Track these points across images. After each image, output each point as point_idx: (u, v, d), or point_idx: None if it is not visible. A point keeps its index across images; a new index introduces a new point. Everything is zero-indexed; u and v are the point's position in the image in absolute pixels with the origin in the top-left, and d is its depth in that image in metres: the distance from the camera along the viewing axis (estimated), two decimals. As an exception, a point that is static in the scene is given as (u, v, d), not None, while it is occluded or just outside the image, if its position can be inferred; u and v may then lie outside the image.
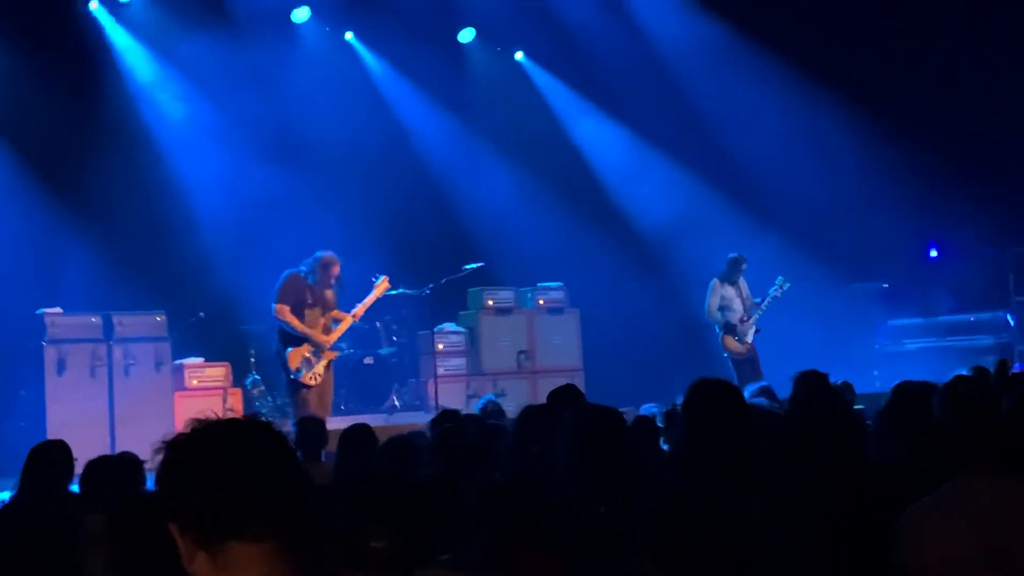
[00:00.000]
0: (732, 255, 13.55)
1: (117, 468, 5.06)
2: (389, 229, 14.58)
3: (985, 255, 15.64)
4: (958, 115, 15.37)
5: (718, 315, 13.40)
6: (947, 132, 15.48)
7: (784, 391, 7.64)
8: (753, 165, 16.11)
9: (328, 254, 11.13)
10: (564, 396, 6.25)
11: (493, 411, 8.28)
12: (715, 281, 13.50)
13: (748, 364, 13.33)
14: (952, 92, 15.28)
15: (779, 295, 13.50)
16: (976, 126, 15.31)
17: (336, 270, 11.15)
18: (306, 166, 14.71)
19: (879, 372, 15.12)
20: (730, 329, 13.32)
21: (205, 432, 2.28)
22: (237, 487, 2.22)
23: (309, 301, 11.10)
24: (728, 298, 13.42)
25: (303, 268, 11.11)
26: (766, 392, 7.81)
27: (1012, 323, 15.12)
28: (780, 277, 13.61)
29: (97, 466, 5.39)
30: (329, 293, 11.26)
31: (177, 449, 2.28)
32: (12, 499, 5.82)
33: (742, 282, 13.57)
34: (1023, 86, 14.94)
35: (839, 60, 15.54)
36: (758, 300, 13.51)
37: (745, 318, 13.36)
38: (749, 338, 13.37)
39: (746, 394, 7.87)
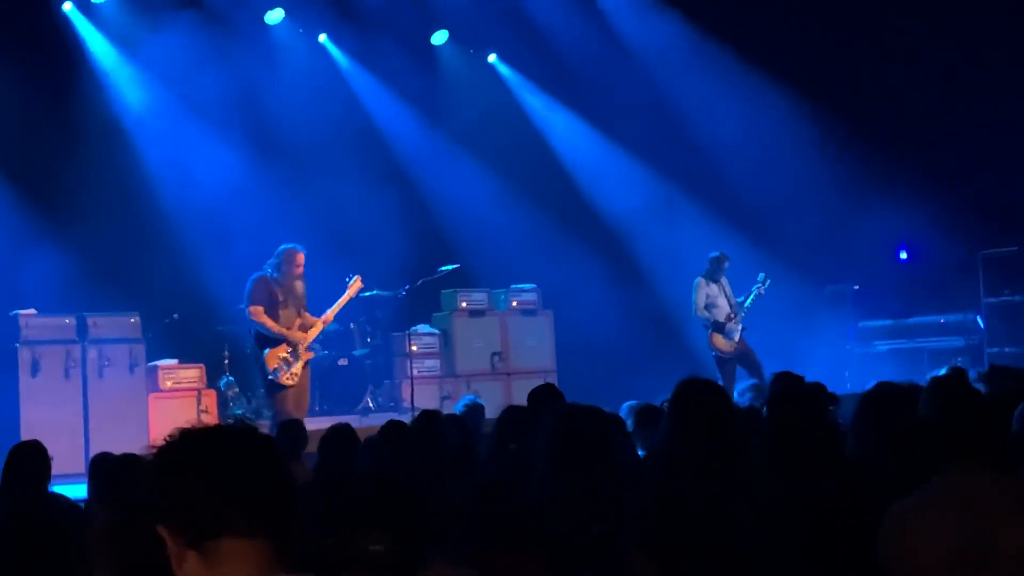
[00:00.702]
0: (714, 253, 13.62)
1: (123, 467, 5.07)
2: (363, 230, 14.59)
3: (955, 257, 15.76)
4: (928, 116, 15.49)
5: (705, 313, 13.45)
6: (916, 133, 15.60)
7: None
8: (724, 166, 16.20)
9: (290, 247, 11.17)
10: (544, 396, 6.29)
11: (473, 411, 8.33)
12: (699, 279, 13.55)
13: (736, 362, 13.39)
14: (922, 94, 15.40)
15: (763, 292, 13.58)
16: (946, 127, 15.42)
17: (300, 259, 11.17)
18: (280, 167, 14.71)
19: (849, 373, 15.23)
20: (718, 327, 13.37)
21: (194, 435, 2.34)
22: (228, 485, 2.27)
23: (280, 299, 11.13)
24: (712, 296, 13.48)
25: (267, 269, 11.15)
26: (757, 390, 7.88)
27: (982, 325, 15.25)
28: (761, 274, 13.71)
29: (102, 463, 5.40)
30: (299, 286, 11.25)
31: (167, 452, 2.33)
32: (-7, 500, 5.81)
33: (724, 281, 13.63)
34: (993, 88, 15.04)
35: (810, 62, 15.62)
36: (740, 299, 13.58)
37: (732, 315, 13.43)
38: (737, 336, 13.43)
39: (736, 391, 7.96)
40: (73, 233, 13.24)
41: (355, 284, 11.69)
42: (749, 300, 13.56)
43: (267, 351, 11.06)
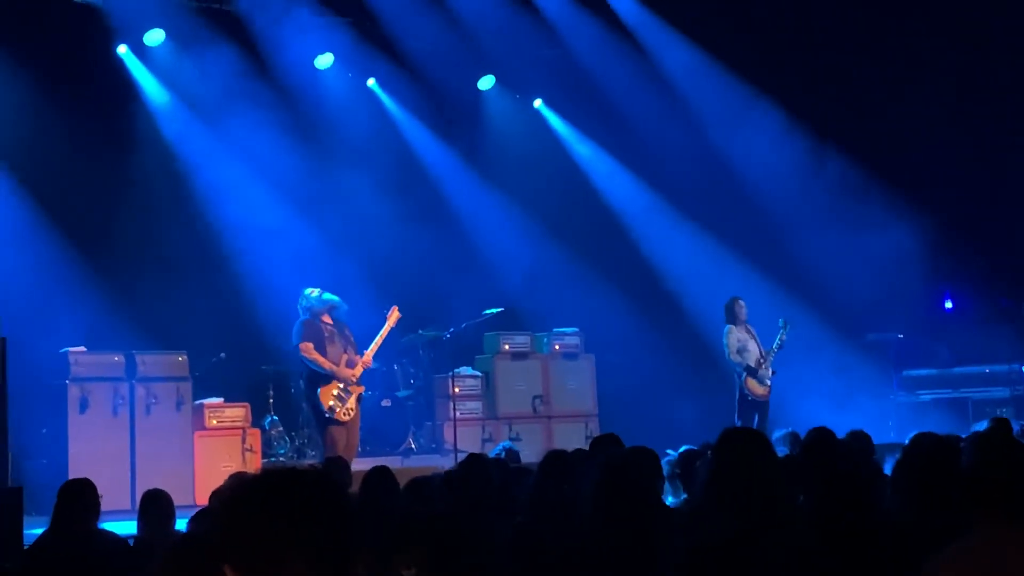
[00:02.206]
0: (731, 297, 13.70)
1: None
2: (408, 273, 14.71)
3: (1000, 306, 15.68)
4: (973, 166, 15.46)
5: (738, 358, 13.46)
6: (961, 183, 15.57)
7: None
8: (768, 215, 16.23)
9: (306, 289, 11.44)
10: (607, 445, 6.39)
11: (509, 457, 8.39)
12: (728, 326, 13.61)
13: (764, 407, 13.40)
14: (967, 145, 15.38)
15: (784, 337, 13.58)
16: (992, 177, 15.39)
17: (309, 290, 11.44)
18: (326, 208, 14.86)
19: (893, 422, 15.15)
20: (751, 372, 13.39)
21: (262, 477, 2.43)
22: (292, 527, 2.35)
23: (326, 335, 11.33)
24: (742, 341, 13.51)
25: (305, 314, 11.39)
26: (794, 438, 7.90)
27: (1027, 375, 15.14)
28: (781, 319, 13.72)
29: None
30: (328, 299, 11.47)
31: (235, 493, 2.41)
32: (43, 535, 5.91)
33: (750, 327, 13.66)
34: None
35: (852, 113, 15.67)
36: (768, 348, 13.59)
37: (763, 360, 13.44)
38: (768, 380, 13.44)
39: (774, 436, 8.00)
40: (123, 272, 13.43)
41: (393, 314, 11.85)
42: (776, 346, 13.55)
43: (320, 389, 11.20)
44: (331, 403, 11.15)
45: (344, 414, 11.19)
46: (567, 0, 16.17)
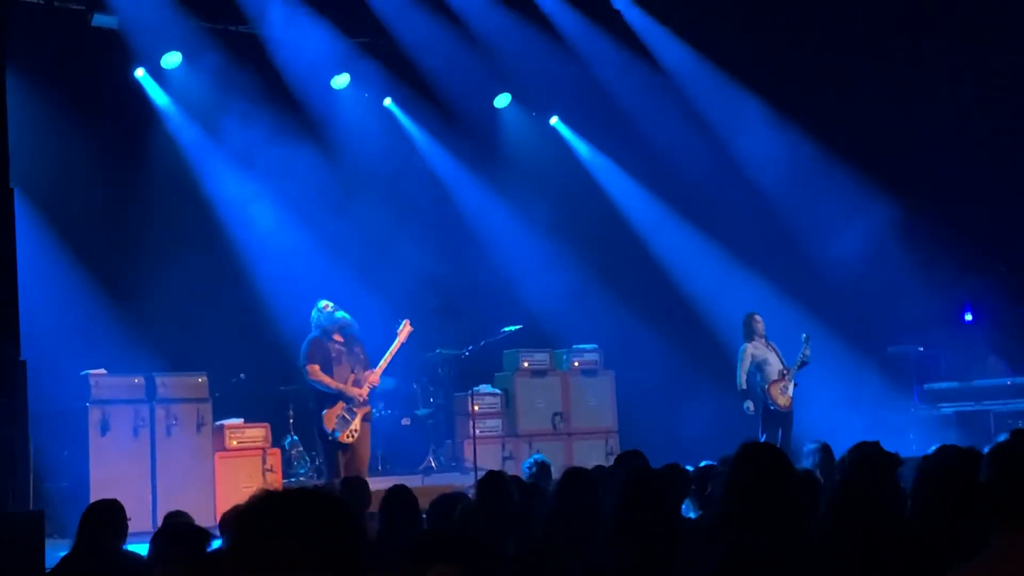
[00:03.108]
0: (747, 313, 13.68)
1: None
2: (427, 291, 14.73)
3: (1020, 317, 15.64)
4: (991, 177, 15.43)
5: (755, 378, 13.41)
6: (980, 195, 15.54)
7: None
8: (786, 229, 16.23)
9: (319, 301, 11.47)
10: (631, 461, 6.39)
11: (541, 470, 8.40)
12: (745, 346, 13.56)
13: (787, 420, 13.35)
14: (984, 157, 15.35)
15: (808, 351, 13.55)
16: (1010, 188, 15.36)
17: (326, 303, 11.50)
18: (344, 227, 14.90)
19: (915, 435, 15.09)
20: (773, 384, 13.36)
21: (272, 497, 2.49)
22: (305, 545, 2.40)
23: (333, 356, 11.37)
24: (760, 356, 13.46)
25: (315, 331, 11.42)
26: (824, 451, 7.87)
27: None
28: (804, 334, 13.69)
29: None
30: (342, 318, 11.49)
31: (249, 513, 2.47)
32: (68, 556, 5.92)
33: (771, 342, 13.61)
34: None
35: (870, 120, 15.68)
36: (790, 363, 13.56)
37: (785, 372, 13.41)
38: (791, 392, 13.41)
39: (805, 450, 7.97)
40: (142, 294, 13.49)
41: (405, 328, 11.86)
42: (798, 362, 13.51)
43: (324, 411, 11.24)
44: (334, 425, 11.18)
45: (348, 436, 11.20)
46: (582, 17, 16.21)
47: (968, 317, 16.46)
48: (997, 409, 15.13)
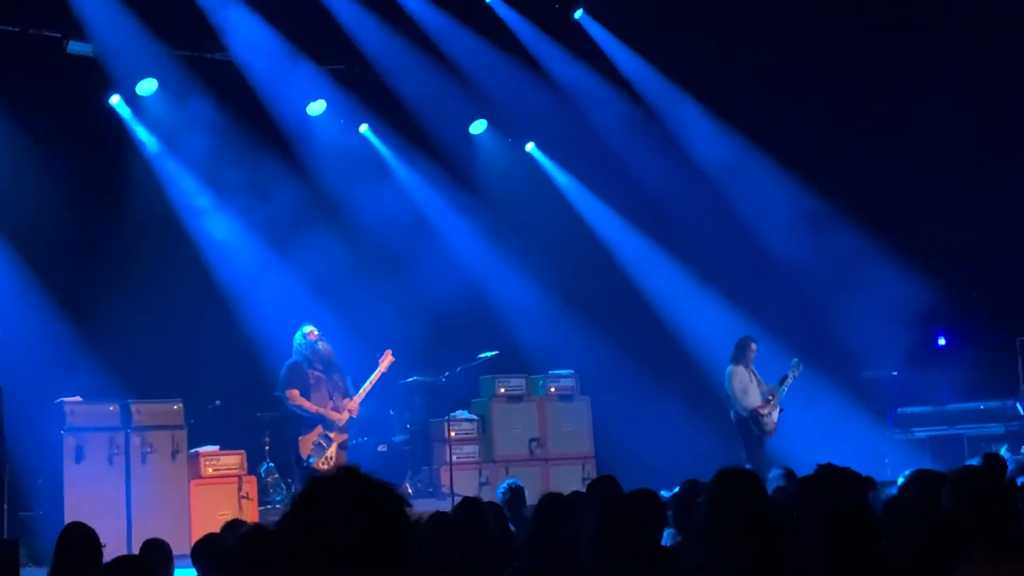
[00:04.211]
0: (740, 337, 13.74)
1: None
2: (403, 317, 14.74)
3: (993, 342, 15.75)
4: (964, 204, 15.55)
5: (745, 401, 13.48)
6: (952, 220, 15.66)
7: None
8: (760, 253, 16.31)
9: (303, 328, 11.49)
10: (605, 487, 6.39)
11: (514, 495, 8.40)
12: (732, 367, 13.63)
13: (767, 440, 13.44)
14: (956, 184, 15.47)
15: (796, 375, 13.63)
16: (982, 214, 15.48)
17: (311, 330, 11.51)
18: (320, 254, 14.89)
19: (889, 460, 15.16)
20: (758, 410, 13.42)
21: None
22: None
23: (312, 382, 11.39)
24: (744, 382, 13.54)
25: (296, 356, 11.44)
26: (788, 477, 7.92)
27: (1022, 411, 15.17)
28: (795, 359, 13.77)
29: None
30: (325, 348, 11.53)
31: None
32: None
33: (753, 368, 13.69)
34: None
35: (844, 148, 15.79)
36: (771, 384, 13.62)
37: (770, 398, 13.47)
38: (775, 418, 13.48)
39: (771, 475, 8.02)
40: (118, 321, 13.44)
41: (386, 359, 11.90)
42: (784, 385, 13.58)
43: (300, 437, 11.25)
44: (309, 452, 11.19)
45: (323, 463, 11.24)
46: (556, 44, 16.30)
47: (941, 342, 16.56)
48: (970, 433, 15.23)
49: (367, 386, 11.73)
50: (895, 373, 16.17)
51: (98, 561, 5.95)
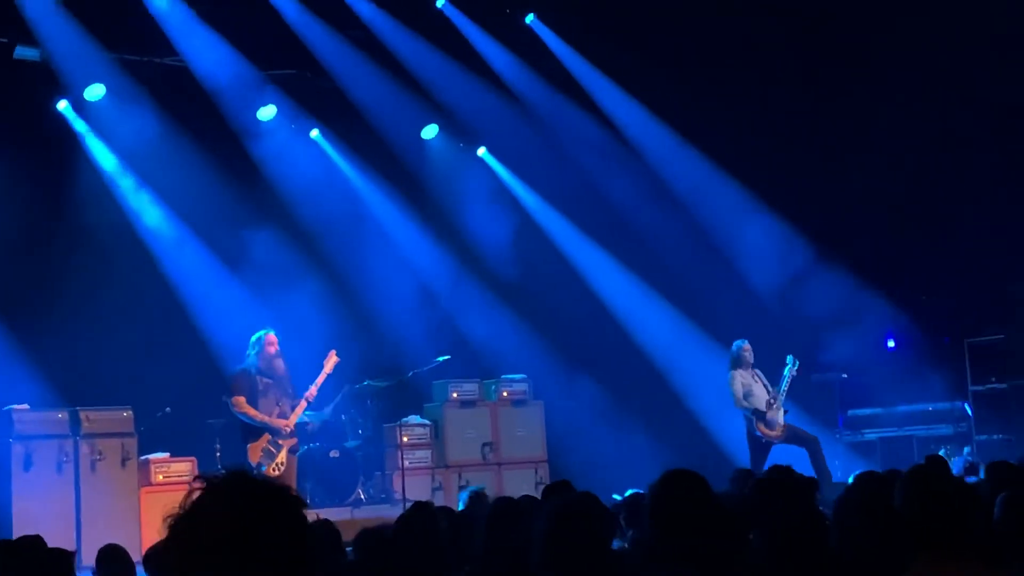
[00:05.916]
0: (738, 342, 13.75)
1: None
2: (354, 321, 14.71)
3: (941, 345, 15.90)
4: (912, 207, 15.69)
5: (745, 404, 13.51)
6: (902, 223, 15.79)
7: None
8: (711, 254, 16.38)
9: (261, 332, 11.45)
10: (560, 492, 6.39)
11: (477, 500, 8.36)
12: (733, 372, 13.62)
13: (780, 443, 13.46)
14: (906, 187, 15.60)
15: (795, 373, 13.68)
16: (931, 218, 15.62)
17: (272, 338, 11.48)
18: (271, 258, 14.82)
19: (840, 462, 15.26)
20: (760, 416, 13.44)
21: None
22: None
23: (260, 389, 11.35)
24: (748, 385, 13.56)
25: (246, 361, 11.39)
26: (746, 476, 7.94)
27: (970, 413, 15.34)
28: (790, 356, 13.81)
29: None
30: (279, 365, 11.46)
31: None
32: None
33: (757, 370, 13.71)
34: (976, 180, 15.24)
35: (792, 171, 15.91)
36: (776, 387, 13.65)
37: (772, 401, 13.51)
38: (781, 420, 13.52)
39: (731, 476, 8.05)
40: (66, 328, 13.32)
41: (330, 359, 11.88)
42: (784, 384, 13.64)
43: (249, 444, 11.22)
44: (258, 459, 11.15)
45: (273, 469, 11.18)
46: (507, 51, 16.32)
47: (891, 344, 16.70)
48: (920, 434, 15.38)
49: (313, 388, 11.70)
50: (845, 376, 16.28)
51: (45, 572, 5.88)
